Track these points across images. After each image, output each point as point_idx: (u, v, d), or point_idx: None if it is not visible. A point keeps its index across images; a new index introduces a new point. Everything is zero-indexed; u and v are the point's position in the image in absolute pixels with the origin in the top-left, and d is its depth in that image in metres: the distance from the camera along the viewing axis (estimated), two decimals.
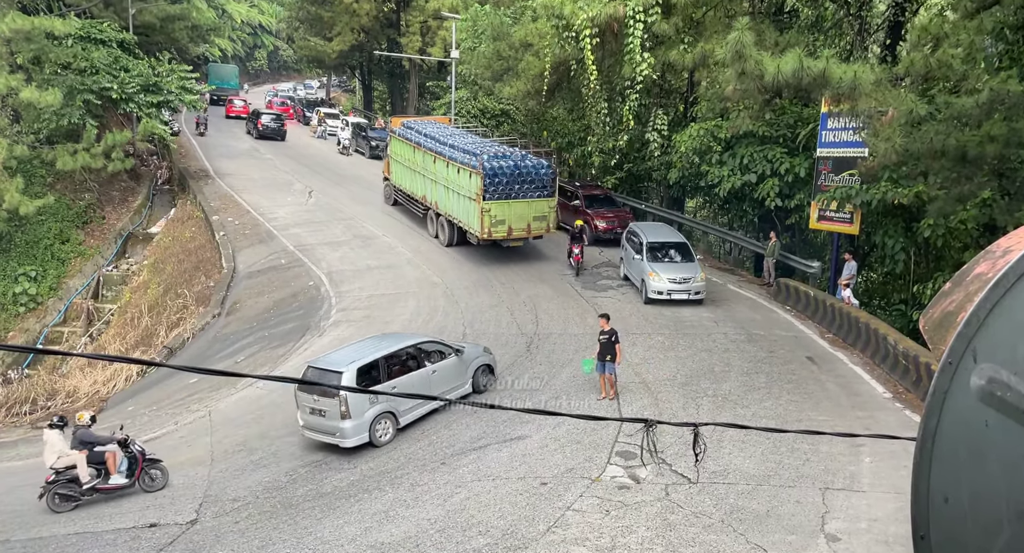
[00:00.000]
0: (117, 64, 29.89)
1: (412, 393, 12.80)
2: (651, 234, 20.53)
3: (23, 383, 22.72)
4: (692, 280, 19.11)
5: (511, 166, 22.21)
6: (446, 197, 23.79)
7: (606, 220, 25.33)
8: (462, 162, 22.52)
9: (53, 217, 28.59)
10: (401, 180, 27.28)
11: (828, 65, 13.75)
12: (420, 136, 25.52)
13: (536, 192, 22.43)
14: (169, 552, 10.19)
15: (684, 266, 19.57)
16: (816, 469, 11.51)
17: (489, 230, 21.89)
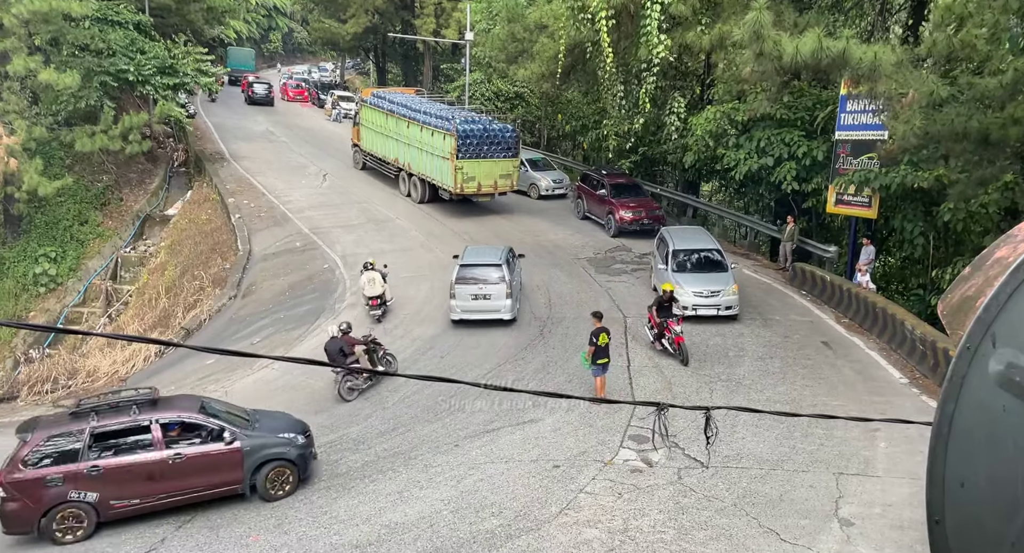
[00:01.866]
0: (133, 46, 29.98)
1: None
2: (679, 240, 18.44)
3: (44, 362, 23.11)
4: (722, 293, 16.83)
5: (480, 129, 25.28)
6: (420, 158, 26.54)
7: (632, 210, 24.09)
8: (436, 126, 25.40)
9: (72, 199, 28.88)
10: (372, 145, 30.02)
11: (848, 46, 13.52)
12: (392, 104, 28.30)
13: (502, 153, 25.53)
14: (188, 529, 10.38)
15: (713, 277, 17.22)
16: (830, 454, 11.49)
17: (461, 185, 24.87)
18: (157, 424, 10.51)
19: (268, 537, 10.05)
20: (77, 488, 10.03)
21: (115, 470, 10.20)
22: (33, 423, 10.69)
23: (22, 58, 25.46)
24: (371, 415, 13.58)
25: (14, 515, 9.92)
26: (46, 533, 10.05)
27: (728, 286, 17.05)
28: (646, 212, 23.96)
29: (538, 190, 29.40)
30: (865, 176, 17.83)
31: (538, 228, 25.25)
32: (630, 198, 24.65)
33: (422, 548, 9.59)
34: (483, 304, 16.76)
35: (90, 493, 10.08)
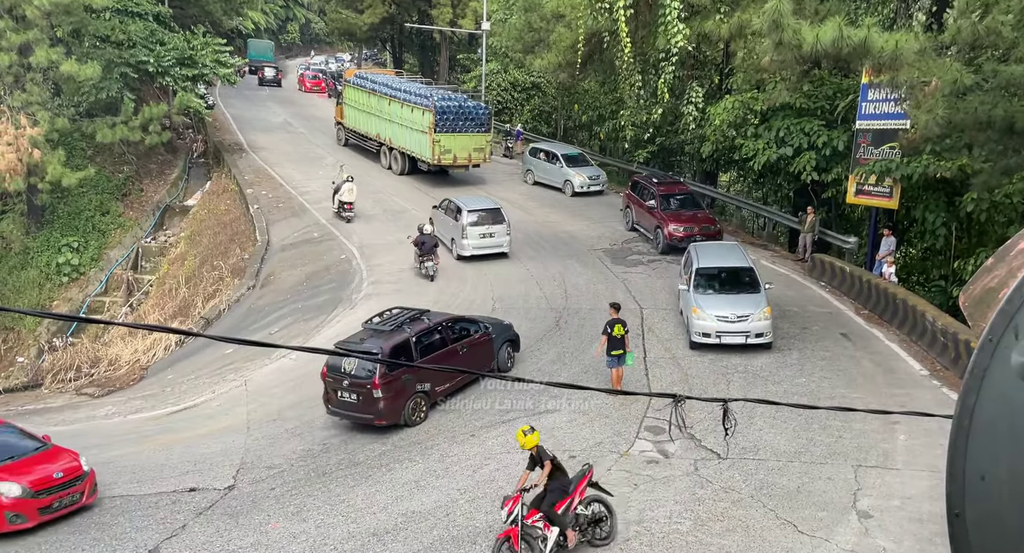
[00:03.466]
0: (153, 37, 30.20)
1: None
2: (706, 257, 16.36)
3: (68, 350, 23.50)
4: (751, 317, 14.54)
5: (456, 106, 27.46)
6: (400, 133, 28.70)
7: (683, 225, 20.92)
8: (415, 102, 27.58)
9: (94, 189, 29.23)
10: (355, 122, 32.07)
11: (869, 34, 13.29)
12: (375, 83, 30.41)
13: (476, 128, 27.64)
14: (208, 516, 10.54)
15: (741, 299, 15.03)
16: (849, 446, 11.41)
17: (439, 157, 27.07)
18: (447, 327, 13.85)
19: (286, 524, 10.18)
20: (419, 381, 12.90)
21: (433, 362, 13.12)
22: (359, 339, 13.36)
23: (44, 50, 25.73)
24: None
25: (390, 409, 12.60)
26: (407, 420, 12.72)
27: (759, 309, 14.68)
28: (699, 227, 20.82)
29: (572, 187, 27.71)
30: (886, 166, 17.58)
31: (554, 219, 25.20)
32: (682, 210, 21.69)
33: (439, 537, 9.67)
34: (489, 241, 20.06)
35: (425, 384, 12.99)
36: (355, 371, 12.71)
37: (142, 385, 19.13)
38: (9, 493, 10.20)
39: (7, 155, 24.46)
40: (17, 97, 25.88)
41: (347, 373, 12.79)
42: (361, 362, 12.55)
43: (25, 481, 10.37)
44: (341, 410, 13.00)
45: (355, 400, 12.70)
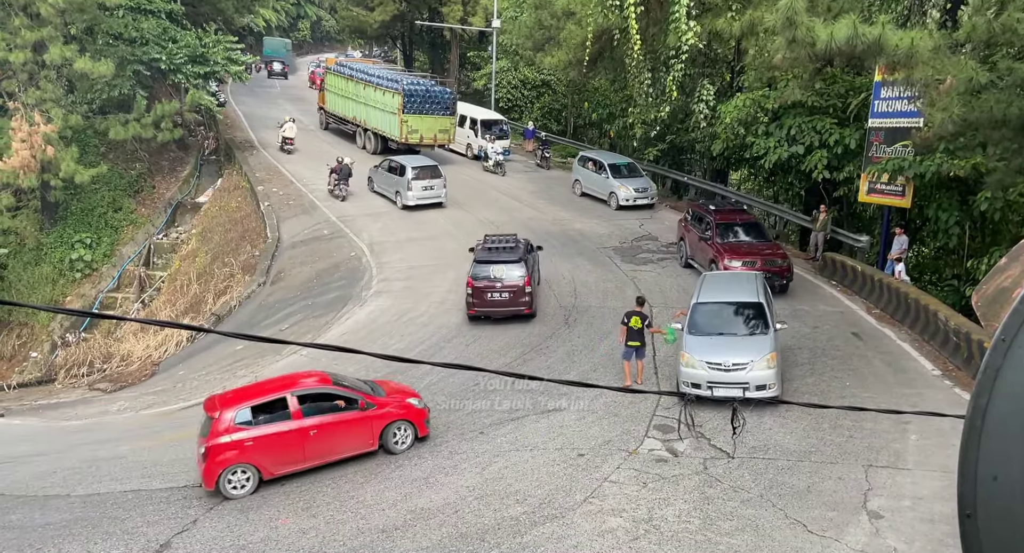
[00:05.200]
0: (165, 35, 30.36)
1: None
2: (710, 288, 14.00)
3: (80, 346, 23.69)
4: (750, 366, 12.21)
5: (423, 90, 30.26)
6: (373, 115, 31.35)
7: (743, 258, 17.56)
8: (387, 86, 30.31)
9: (106, 186, 29.44)
10: (335, 106, 34.57)
11: (884, 32, 13.19)
12: (352, 70, 33.41)
13: (441, 111, 30.38)
14: (219, 511, 10.61)
15: (741, 342, 12.58)
16: (859, 446, 11.35)
17: (406, 136, 29.66)
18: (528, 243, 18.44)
19: (296, 520, 10.24)
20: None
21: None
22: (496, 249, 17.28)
23: (58, 47, 25.93)
24: None
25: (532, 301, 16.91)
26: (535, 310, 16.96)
27: (762, 355, 12.23)
28: (762, 261, 17.43)
29: (617, 200, 25.80)
30: (899, 164, 17.46)
31: (564, 217, 25.18)
32: (742, 242, 18.45)
33: (447, 534, 9.70)
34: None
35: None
36: (505, 276, 16.66)
37: (154, 381, 19.27)
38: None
39: (21, 152, 24.67)
40: (31, 94, 26.09)
41: (498, 278, 16.69)
42: (510, 267, 16.71)
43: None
44: (491, 308, 16.79)
45: (507, 298, 16.70)
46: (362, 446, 11.68)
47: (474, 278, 16.88)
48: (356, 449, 11.63)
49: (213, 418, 10.88)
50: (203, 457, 10.76)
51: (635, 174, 26.95)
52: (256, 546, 9.69)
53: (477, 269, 16.97)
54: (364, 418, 11.57)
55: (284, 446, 11.05)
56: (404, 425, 11.86)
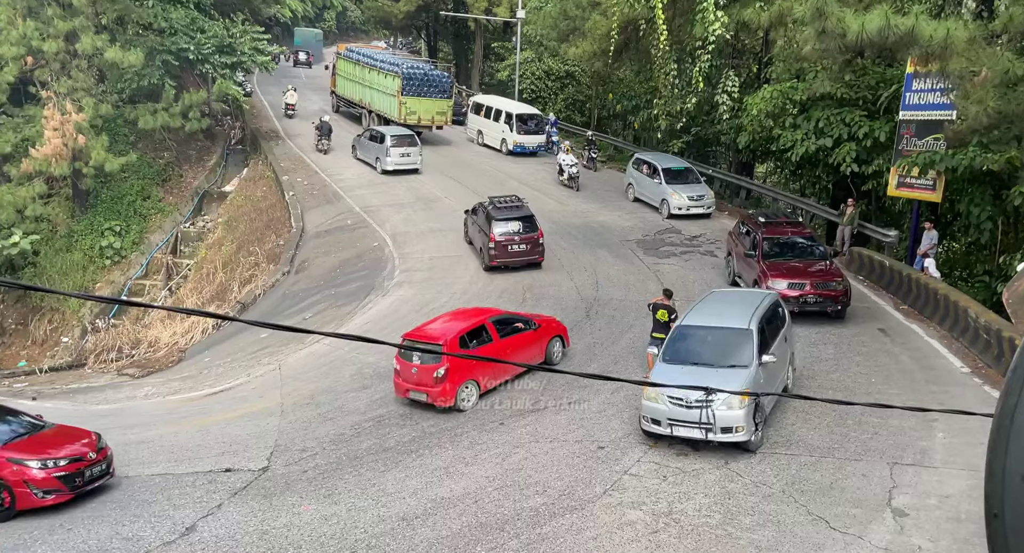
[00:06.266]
0: (194, 25, 30.66)
1: None
2: (702, 309, 12.65)
3: (109, 332, 24.15)
4: (716, 404, 10.65)
5: (422, 73, 32.03)
6: (376, 97, 32.95)
7: (790, 279, 15.64)
8: (388, 69, 31.94)
9: (135, 174, 29.88)
10: (344, 90, 36.45)
11: (917, 22, 12.93)
12: (359, 55, 35.06)
13: (439, 94, 31.79)
14: (243, 496, 10.79)
15: (712, 375, 10.72)
16: (885, 443, 11.21)
17: (405, 117, 30.93)
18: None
19: (318, 506, 10.37)
20: None
21: None
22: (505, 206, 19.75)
23: (90, 37, 26.30)
24: None
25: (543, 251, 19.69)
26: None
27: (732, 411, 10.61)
28: (812, 285, 15.63)
29: (668, 207, 23.61)
30: (930, 158, 17.11)
31: (585, 209, 25.09)
32: (793, 260, 16.55)
33: (467, 523, 9.76)
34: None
35: None
36: (523, 230, 19.17)
37: (180, 367, 19.59)
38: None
39: (53, 140, 25.11)
40: (63, 83, 26.52)
41: (518, 232, 19.19)
42: (528, 221, 19.36)
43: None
44: (511, 258, 19.19)
45: (525, 249, 19.23)
46: (536, 359, 13.99)
47: (497, 234, 19.03)
48: (532, 362, 13.86)
49: (439, 343, 12.59)
50: (441, 379, 12.48)
51: (691, 180, 24.38)
52: (279, 531, 9.84)
53: (499, 226, 19.12)
54: (536, 336, 14.08)
55: (489, 365, 12.91)
56: (558, 340, 14.45)
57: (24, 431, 11.11)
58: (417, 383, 12.80)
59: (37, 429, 11.29)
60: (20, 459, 10.45)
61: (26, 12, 26.00)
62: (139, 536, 9.91)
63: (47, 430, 11.31)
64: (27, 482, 10.30)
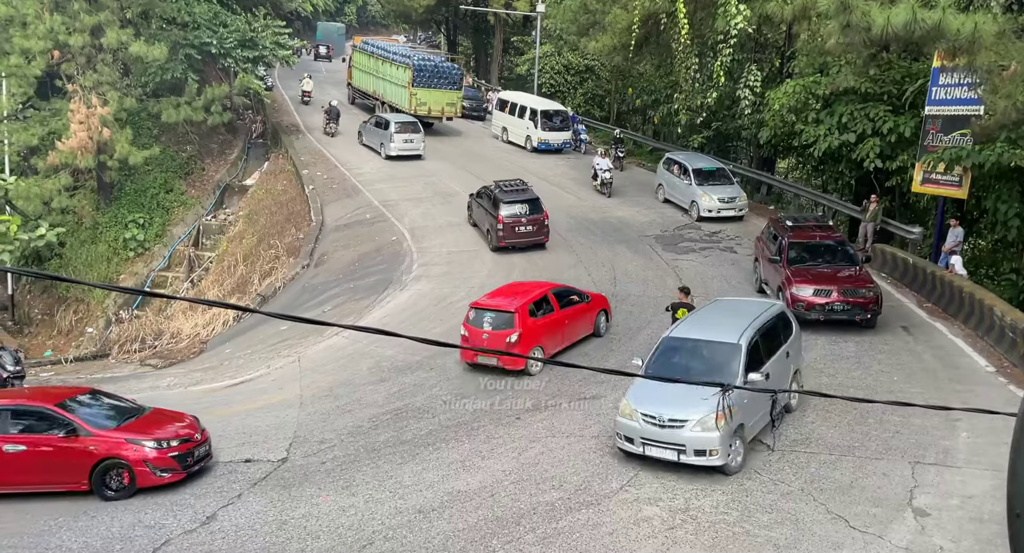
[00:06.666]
0: (216, 19, 30.92)
1: None
2: (696, 320, 11.93)
3: (133, 323, 24.49)
4: (688, 425, 10.21)
5: (432, 65, 33.01)
6: (389, 88, 33.93)
7: (816, 286, 14.86)
8: (400, 61, 33.07)
9: (159, 167, 30.22)
10: (360, 82, 37.69)
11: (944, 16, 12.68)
12: (374, 47, 36.25)
13: (449, 85, 32.84)
14: (263, 486, 10.90)
15: (690, 393, 10.21)
16: (906, 442, 11.08)
17: (415, 108, 31.94)
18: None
19: (336, 498, 10.46)
20: None
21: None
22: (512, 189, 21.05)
23: (115, 31, 26.59)
24: (435, 385, 13.86)
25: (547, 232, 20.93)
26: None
27: (704, 413, 10.10)
28: (840, 292, 14.77)
29: (698, 210, 22.86)
30: (956, 154, 16.83)
31: (604, 204, 24.99)
32: (820, 266, 15.71)
33: (483, 516, 9.80)
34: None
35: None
36: (529, 212, 20.33)
37: (201, 358, 19.83)
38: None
39: (79, 133, 25.45)
40: (89, 77, 26.84)
41: (524, 214, 20.36)
42: (534, 203, 20.49)
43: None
44: (519, 239, 20.37)
45: (532, 230, 20.40)
46: (586, 331, 15.00)
47: (505, 216, 20.16)
48: (584, 334, 14.92)
49: (512, 311, 13.69)
50: (514, 344, 13.41)
51: (723, 181, 23.56)
52: (297, 522, 9.94)
53: (506, 208, 20.28)
54: (587, 308, 15.05)
55: (554, 331, 14.17)
56: (603, 314, 15.47)
57: (130, 414, 11.47)
58: (488, 347, 13.67)
59: (141, 412, 11.65)
60: (138, 440, 10.81)
61: (53, 6, 26.33)
62: (161, 524, 10.06)
63: (148, 413, 11.68)
64: (146, 461, 10.67)
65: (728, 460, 10.22)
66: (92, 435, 10.70)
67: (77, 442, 10.62)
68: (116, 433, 10.88)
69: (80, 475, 10.58)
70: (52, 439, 10.68)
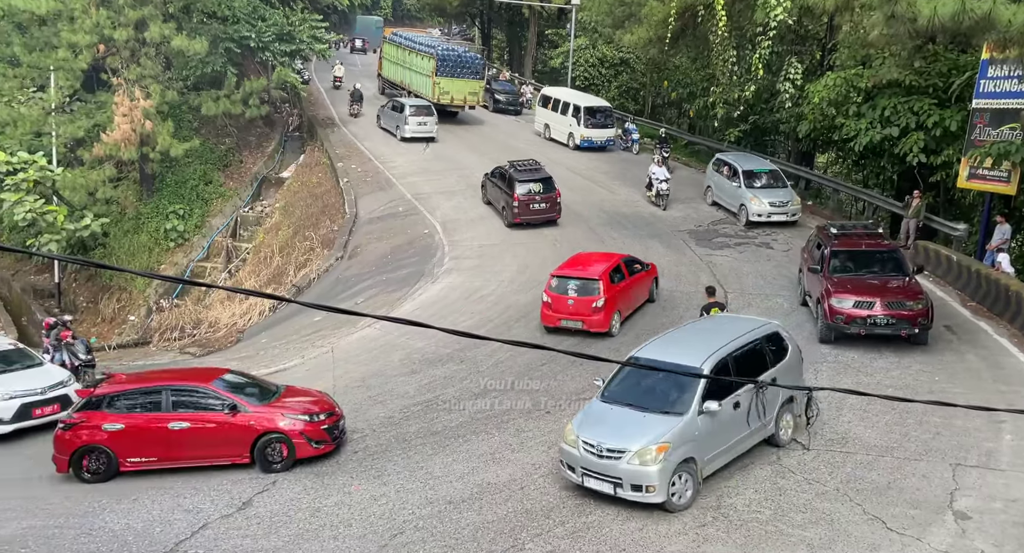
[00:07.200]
0: (255, 14, 31.34)
1: None
2: (659, 342, 11.10)
3: (173, 312, 25.03)
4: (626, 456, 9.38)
5: (456, 55, 33.75)
6: (414, 78, 34.85)
7: (857, 297, 13.85)
8: (424, 51, 33.96)
9: (198, 159, 30.78)
10: (389, 73, 38.48)
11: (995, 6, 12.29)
12: (402, 38, 37.24)
13: (471, 75, 33.60)
14: (297, 474, 11.07)
15: (638, 421, 9.69)
16: (947, 444, 10.81)
17: (439, 97, 32.70)
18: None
19: (368, 487, 10.58)
20: None
21: None
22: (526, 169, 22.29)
23: (158, 25, 27.08)
24: (466, 378, 13.91)
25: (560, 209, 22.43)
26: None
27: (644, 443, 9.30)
28: (884, 304, 13.71)
29: (746, 214, 21.41)
30: (1005, 148, 16.32)
31: (637, 199, 24.77)
32: (865, 276, 14.65)
33: (513, 509, 9.81)
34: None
35: None
36: (543, 190, 21.66)
37: (238, 347, 20.19)
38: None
39: (123, 126, 26.01)
40: (133, 70, 27.41)
41: (537, 192, 21.53)
42: (547, 181, 21.86)
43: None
44: (532, 216, 21.71)
45: (545, 207, 21.77)
46: (644, 297, 16.53)
47: (520, 194, 21.50)
48: (643, 299, 16.49)
49: (597, 278, 15.05)
50: (599, 309, 14.80)
51: (776, 184, 22.03)
52: (330, 509, 10.08)
53: (521, 187, 21.58)
54: (648, 275, 16.72)
55: (626, 297, 15.58)
56: (654, 281, 16.96)
57: (272, 391, 11.91)
58: (572, 313, 15.10)
59: (280, 389, 12.09)
60: (293, 414, 11.29)
61: (99, 1, 26.92)
62: (199, 508, 10.29)
63: (286, 390, 12.15)
64: (303, 433, 11.15)
65: (670, 497, 9.31)
66: (250, 411, 11.22)
67: (239, 418, 11.14)
68: (271, 408, 11.37)
69: (243, 448, 11.14)
70: (217, 416, 11.19)
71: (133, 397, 11.43)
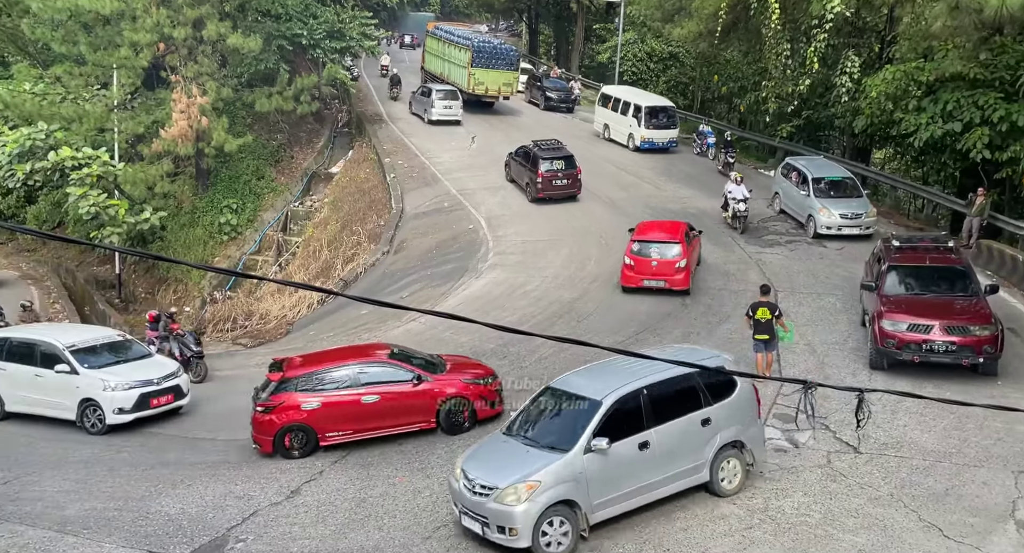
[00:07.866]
0: (307, 11, 31.87)
1: None
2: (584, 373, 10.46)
3: (226, 303, 25.69)
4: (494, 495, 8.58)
5: (491, 47, 34.77)
6: (453, 70, 35.76)
7: (913, 319, 12.53)
8: (461, 43, 34.94)
9: (251, 155, 31.46)
10: (431, 65, 39.15)
11: None
12: (443, 31, 38.42)
13: (506, 66, 34.49)
14: (343, 464, 11.27)
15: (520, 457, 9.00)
16: (1010, 450, 10.40)
17: (473, 88, 33.88)
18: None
19: (412, 479, 10.69)
20: None
21: None
22: (548, 148, 24.22)
23: (215, 23, 27.75)
24: (508, 373, 13.89)
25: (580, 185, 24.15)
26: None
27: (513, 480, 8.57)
28: (944, 328, 12.35)
29: (815, 226, 19.79)
30: None
31: (684, 195, 24.43)
32: (925, 294, 13.36)
33: None
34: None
35: None
36: (565, 167, 23.27)
37: (288, 339, 20.63)
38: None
39: (180, 122, 26.74)
40: (190, 68, 28.15)
41: (561, 169, 23.10)
42: (568, 159, 23.53)
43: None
44: (556, 191, 23.44)
45: (567, 183, 23.52)
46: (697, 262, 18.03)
47: (544, 171, 23.11)
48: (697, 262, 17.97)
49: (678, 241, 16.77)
50: (682, 269, 16.43)
51: (849, 193, 20.36)
52: (375, 500, 10.23)
53: (545, 164, 23.19)
54: (698, 242, 18.19)
55: (692, 260, 17.09)
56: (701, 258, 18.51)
57: (435, 362, 12.53)
58: (655, 273, 16.57)
59: (441, 360, 12.72)
60: (470, 380, 12.12)
61: (159, 1, 27.71)
62: (249, 495, 10.56)
63: (448, 360, 12.84)
64: (481, 396, 12.00)
65: (540, 545, 8.34)
66: (432, 380, 11.87)
67: (423, 387, 11.78)
68: (449, 376, 12.10)
69: (429, 415, 11.81)
70: (403, 387, 11.76)
71: (323, 376, 11.76)
